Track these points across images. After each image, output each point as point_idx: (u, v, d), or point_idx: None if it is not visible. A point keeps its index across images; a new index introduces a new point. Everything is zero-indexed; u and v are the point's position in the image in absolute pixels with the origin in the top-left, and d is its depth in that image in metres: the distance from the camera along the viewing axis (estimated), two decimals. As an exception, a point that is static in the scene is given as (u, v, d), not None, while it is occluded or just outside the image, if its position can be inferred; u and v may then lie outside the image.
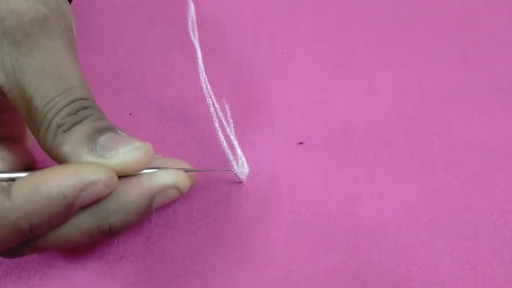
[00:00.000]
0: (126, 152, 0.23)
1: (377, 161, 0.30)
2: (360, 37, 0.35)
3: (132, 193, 0.23)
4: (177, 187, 0.24)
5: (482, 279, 0.26)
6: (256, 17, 0.37)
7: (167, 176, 0.24)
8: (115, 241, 0.28)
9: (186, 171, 0.25)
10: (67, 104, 0.23)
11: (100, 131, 0.23)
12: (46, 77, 0.23)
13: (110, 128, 0.24)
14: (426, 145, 0.30)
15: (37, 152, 0.26)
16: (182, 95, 0.34)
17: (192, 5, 0.37)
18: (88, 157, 0.23)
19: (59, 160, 0.23)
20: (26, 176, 0.22)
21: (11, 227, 0.21)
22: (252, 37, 0.36)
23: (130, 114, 0.33)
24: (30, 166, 0.26)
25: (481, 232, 0.27)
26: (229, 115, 0.32)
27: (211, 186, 0.29)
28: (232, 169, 0.29)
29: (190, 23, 0.37)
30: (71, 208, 0.22)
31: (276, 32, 0.36)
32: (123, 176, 0.23)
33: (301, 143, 0.31)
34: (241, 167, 0.30)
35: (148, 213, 0.24)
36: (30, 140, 0.29)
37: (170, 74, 0.35)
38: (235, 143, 0.30)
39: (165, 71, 0.35)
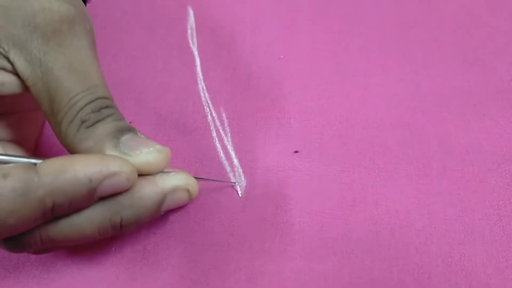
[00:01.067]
0: (149, 153, 0.24)
1: (373, 167, 0.30)
2: (357, 42, 0.35)
3: (146, 190, 0.24)
4: (187, 190, 0.26)
5: (477, 286, 0.26)
6: (253, 24, 0.37)
7: (180, 178, 0.26)
8: (113, 248, 0.28)
9: (196, 178, 0.27)
10: (91, 101, 0.24)
11: (122, 131, 0.25)
12: (72, 73, 0.24)
13: (130, 129, 0.25)
14: (423, 150, 0.30)
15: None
16: (181, 104, 0.34)
17: (191, 13, 0.38)
18: (112, 152, 0.24)
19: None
20: (54, 158, 0.23)
21: (36, 202, 0.22)
22: (250, 44, 0.36)
23: (130, 122, 0.34)
24: None
25: (476, 238, 0.27)
26: (226, 124, 0.33)
27: (208, 197, 0.30)
28: (235, 183, 0.30)
29: (189, 31, 0.37)
30: (92, 194, 0.23)
31: (274, 39, 0.36)
32: (140, 175, 0.24)
33: (296, 151, 0.31)
34: (238, 180, 0.30)
35: (157, 213, 0.25)
36: (33, 144, 0.30)
37: (169, 83, 0.35)
38: (232, 153, 0.31)
39: (165, 80, 0.35)
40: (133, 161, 0.24)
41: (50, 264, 0.28)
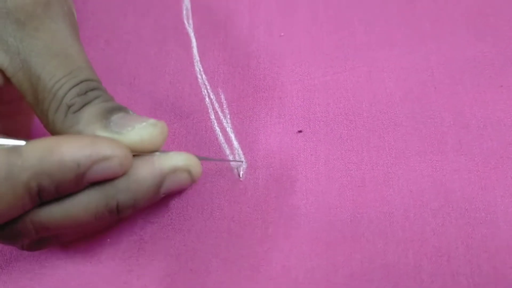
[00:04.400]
0: (142, 128, 0.23)
1: (382, 144, 0.28)
2: (360, 15, 0.33)
3: (143, 172, 0.23)
4: (188, 171, 0.24)
5: (501, 269, 0.24)
6: (251, 2, 0.35)
7: (180, 158, 0.24)
8: (108, 240, 0.26)
9: (199, 158, 0.25)
10: (76, 85, 0.23)
11: (112, 110, 0.23)
12: (52, 57, 0.23)
13: (121, 108, 0.24)
14: (436, 125, 0.28)
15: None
16: (177, 87, 0.32)
17: (186, -7, 0.36)
18: (102, 133, 0.22)
19: None
20: (40, 139, 0.21)
21: (21, 187, 0.20)
22: (248, 22, 0.34)
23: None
24: None
25: (499, 217, 0.25)
26: (225, 106, 0.31)
27: (206, 181, 0.28)
28: (241, 161, 0.28)
29: (184, 12, 0.36)
30: (81, 179, 0.21)
31: (273, 16, 0.34)
32: (135, 155, 0.23)
33: (300, 131, 0.29)
34: (239, 162, 0.28)
35: (157, 196, 0.24)
36: (26, 135, 0.28)
37: (165, 66, 0.33)
38: (232, 135, 0.29)
39: (160, 63, 0.34)
40: (126, 139, 0.22)
41: (43, 259, 0.27)
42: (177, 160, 0.24)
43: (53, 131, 0.23)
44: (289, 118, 0.30)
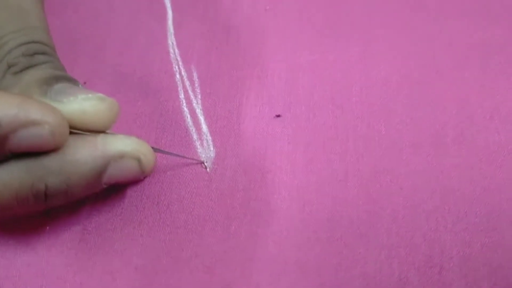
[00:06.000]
0: (86, 99, 0.19)
1: (371, 134, 0.24)
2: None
3: (82, 152, 0.19)
4: (138, 159, 0.21)
5: (504, 285, 0.20)
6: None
7: (128, 142, 0.21)
8: (47, 227, 0.23)
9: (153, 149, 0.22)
10: (24, 43, 0.20)
11: (58, 78, 0.20)
12: (3, 8, 0.21)
13: (69, 79, 0.21)
14: (436, 113, 0.24)
15: None
16: (146, 61, 0.29)
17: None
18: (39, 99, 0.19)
19: None
20: None
21: None
22: (231, -7, 0.31)
23: (85, 83, 0.28)
24: None
25: (503, 224, 0.21)
26: (196, 85, 0.27)
27: (167, 169, 0.24)
28: (202, 162, 0.24)
29: (162, -20, 0.32)
30: (2, 144, 0.18)
31: (259, -13, 0.31)
32: (75, 131, 0.19)
33: (278, 115, 0.25)
34: (206, 150, 0.24)
35: (97, 184, 0.20)
36: None
37: (135, 38, 0.30)
38: (201, 118, 0.26)
39: (129, 34, 0.30)
40: (65, 109, 0.19)
41: None
42: (125, 144, 0.20)
43: None
44: (267, 100, 0.26)
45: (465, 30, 0.27)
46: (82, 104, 0.19)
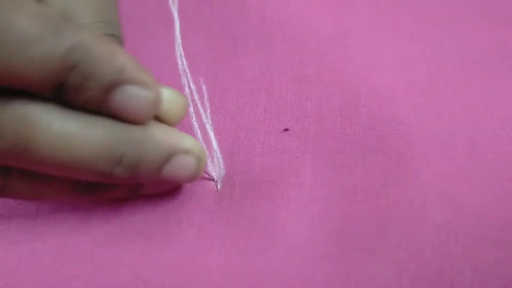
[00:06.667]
0: (172, 92, 0.21)
1: (381, 146, 0.24)
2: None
3: (160, 134, 0.20)
4: (199, 158, 0.21)
5: (517, 299, 0.19)
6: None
7: (194, 141, 0.21)
8: (53, 236, 0.23)
9: None
10: (108, 35, 0.21)
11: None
12: (88, 2, 0.21)
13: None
14: (444, 123, 0.24)
15: None
16: (154, 73, 0.29)
17: (172, -33, 0.33)
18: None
19: None
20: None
21: (58, 55, 0.17)
22: (238, 2, 0.31)
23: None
24: None
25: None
26: (205, 98, 0.27)
27: (178, 185, 0.24)
28: (215, 180, 0.24)
29: (169, -12, 0.32)
30: (107, 95, 0.18)
31: (267, -3, 0.31)
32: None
33: (286, 129, 0.25)
34: (216, 168, 0.25)
35: (157, 173, 0.20)
36: None
37: (142, 48, 0.30)
38: (211, 134, 0.26)
39: (136, 44, 0.30)
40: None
41: None
42: (192, 141, 0.21)
43: None
44: (275, 114, 0.26)
45: (474, 36, 0.27)
46: (171, 95, 0.20)
